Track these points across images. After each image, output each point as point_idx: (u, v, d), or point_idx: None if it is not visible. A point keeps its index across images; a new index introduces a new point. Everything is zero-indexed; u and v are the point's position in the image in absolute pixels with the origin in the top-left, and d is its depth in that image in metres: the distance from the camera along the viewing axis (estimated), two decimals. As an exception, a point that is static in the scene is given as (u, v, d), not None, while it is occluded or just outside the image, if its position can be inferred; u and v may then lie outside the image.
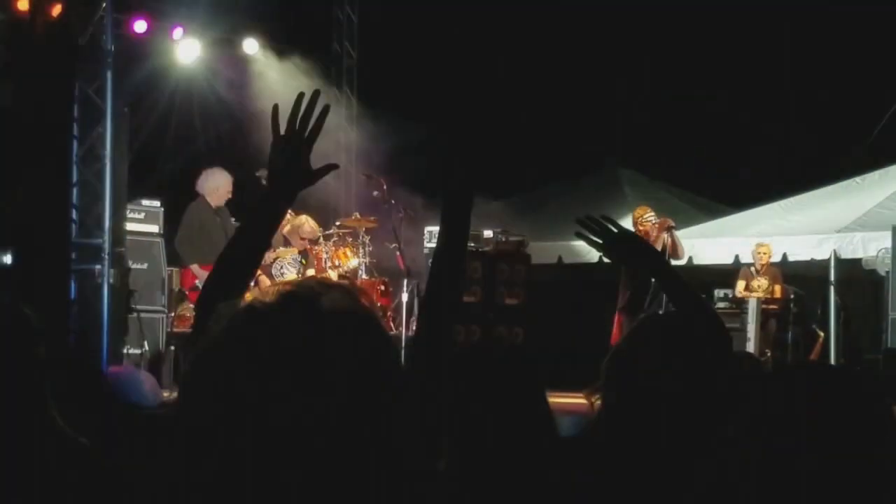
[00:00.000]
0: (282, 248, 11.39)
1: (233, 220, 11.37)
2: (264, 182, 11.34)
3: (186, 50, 13.16)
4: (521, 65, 18.53)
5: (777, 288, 14.09)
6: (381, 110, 16.56)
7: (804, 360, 10.40)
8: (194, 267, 10.83)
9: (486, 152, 2.54)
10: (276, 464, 1.28)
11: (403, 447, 1.37)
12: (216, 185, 11.05)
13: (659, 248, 11.81)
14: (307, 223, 11.44)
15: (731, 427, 1.92)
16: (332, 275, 11.54)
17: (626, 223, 16.47)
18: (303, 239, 11.38)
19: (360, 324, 1.39)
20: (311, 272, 11.35)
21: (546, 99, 19.00)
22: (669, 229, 12.27)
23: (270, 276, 11.26)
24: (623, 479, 2.40)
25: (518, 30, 18.34)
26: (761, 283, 14.02)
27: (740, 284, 14.18)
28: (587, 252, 16.39)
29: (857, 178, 15.68)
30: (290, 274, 11.19)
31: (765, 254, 14.01)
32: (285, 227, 11.45)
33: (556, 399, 2.78)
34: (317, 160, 2.54)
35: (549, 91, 19.02)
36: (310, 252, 11.59)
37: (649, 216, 12.40)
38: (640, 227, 12.24)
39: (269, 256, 11.07)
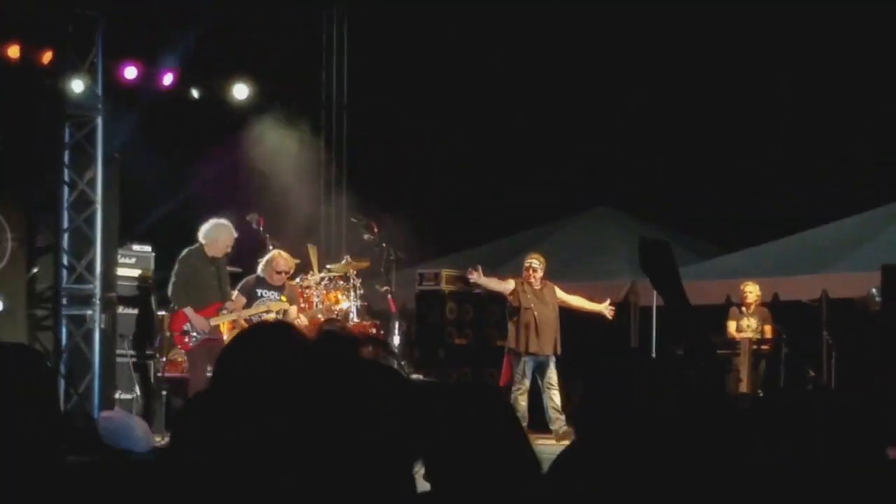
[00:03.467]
0: (255, 307, 11.14)
1: (229, 268, 11.33)
2: (254, 226, 11.26)
3: (177, 95, 13.21)
4: (505, 105, 18.64)
5: (767, 328, 14.09)
6: (371, 155, 16.63)
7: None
8: (188, 310, 10.73)
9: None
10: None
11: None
12: (215, 238, 10.84)
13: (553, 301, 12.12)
14: (280, 256, 11.28)
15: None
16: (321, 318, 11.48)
17: (614, 261, 16.50)
18: (279, 273, 11.23)
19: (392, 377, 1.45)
20: (293, 309, 11.21)
21: (531, 140, 19.09)
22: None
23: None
24: None
25: (499, 71, 18.47)
26: (750, 322, 14.02)
27: (731, 325, 14.18)
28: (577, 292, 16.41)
29: (847, 219, 15.75)
30: (270, 315, 11.08)
31: (751, 292, 14.02)
32: (259, 266, 11.32)
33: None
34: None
35: (535, 132, 19.12)
36: (289, 286, 11.44)
37: (531, 261, 12.32)
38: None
39: (243, 312, 10.93)
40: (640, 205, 18.36)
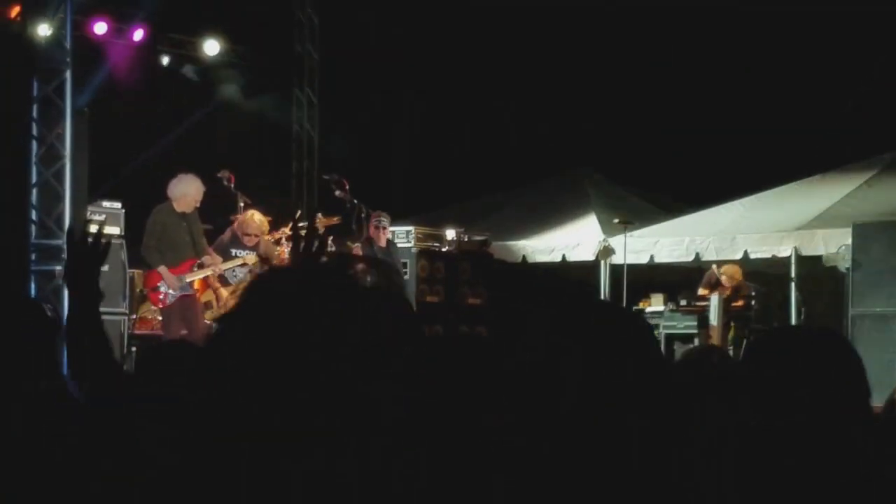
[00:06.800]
0: (230, 261, 11.13)
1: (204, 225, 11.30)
2: (225, 183, 11.21)
3: (147, 51, 13.11)
4: (486, 67, 18.56)
5: (741, 293, 14.28)
6: (343, 112, 16.55)
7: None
8: (162, 269, 10.69)
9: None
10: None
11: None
12: (184, 192, 10.81)
13: None
14: (251, 220, 11.30)
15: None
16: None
17: (590, 222, 16.55)
18: (251, 235, 11.26)
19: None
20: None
21: (510, 101, 19.05)
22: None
23: (226, 282, 11.17)
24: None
25: (484, 31, 18.38)
26: (725, 292, 14.22)
27: (704, 290, 14.37)
28: (551, 251, 16.46)
29: (818, 176, 15.80)
30: (243, 274, 11.10)
31: (726, 275, 14.20)
32: (234, 224, 11.37)
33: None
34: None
35: (514, 93, 19.07)
36: (264, 242, 11.43)
37: (380, 219, 12.55)
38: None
39: (219, 266, 10.92)
40: (612, 165, 18.40)
